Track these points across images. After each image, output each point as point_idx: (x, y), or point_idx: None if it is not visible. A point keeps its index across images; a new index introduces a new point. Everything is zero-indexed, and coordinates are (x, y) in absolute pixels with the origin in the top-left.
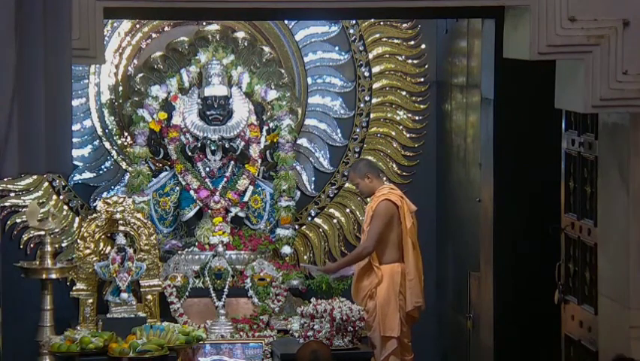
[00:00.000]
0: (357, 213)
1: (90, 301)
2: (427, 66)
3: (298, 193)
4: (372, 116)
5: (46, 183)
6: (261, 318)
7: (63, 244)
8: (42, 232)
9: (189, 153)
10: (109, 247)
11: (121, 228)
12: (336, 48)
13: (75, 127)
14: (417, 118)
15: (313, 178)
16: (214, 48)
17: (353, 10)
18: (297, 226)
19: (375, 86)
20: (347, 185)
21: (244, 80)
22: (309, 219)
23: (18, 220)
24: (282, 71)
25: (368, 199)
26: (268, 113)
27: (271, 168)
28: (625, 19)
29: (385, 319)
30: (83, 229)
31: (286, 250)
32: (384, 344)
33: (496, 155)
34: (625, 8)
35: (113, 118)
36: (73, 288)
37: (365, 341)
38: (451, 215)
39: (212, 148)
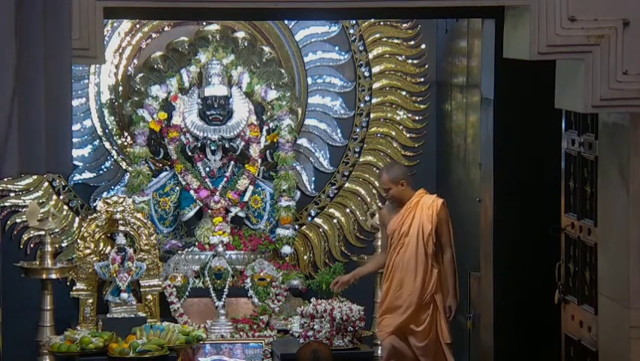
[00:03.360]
0: (357, 213)
1: (90, 301)
2: (427, 66)
3: (298, 193)
4: (372, 116)
5: (46, 183)
6: (261, 318)
7: (63, 244)
8: (42, 232)
9: (189, 153)
10: (109, 247)
11: (121, 228)
12: (336, 48)
13: (75, 127)
14: (417, 118)
15: (313, 178)
16: (214, 48)
17: (353, 10)
18: (297, 226)
19: (375, 86)
20: (347, 185)
21: (244, 80)
22: (309, 219)
23: (18, 220)
24: (282, 71)
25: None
26: (268, 113)
27: (271, 168)
28: (625, 19)
29: (446, 326)
30: (83, 229)
31: (286, 250)
32: (448, 351)
33: (496, 155)
34: (625, 8)
35: (113, 118)
36: (73, 288)
37: (365, 341)
38: (451, 215)
39: (212, 148)
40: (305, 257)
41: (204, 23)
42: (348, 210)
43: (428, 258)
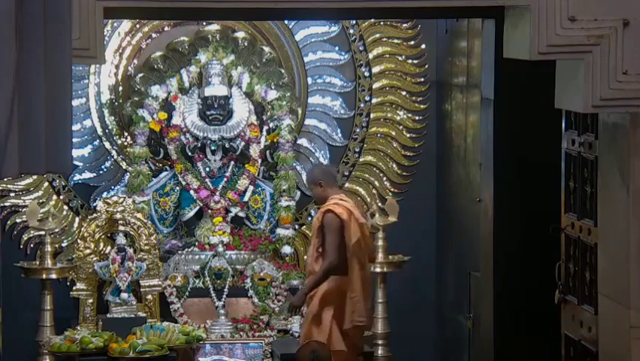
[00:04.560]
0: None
1: (90, 301)
2: (427, 66)
3: (298, 193)
4: (372, 116)
5: (46, 183)
6: (261, 318)
7: (63, 244)
8: (42, 232)
9: (189, 153)
10: (109, 247)
11: (121, 228)
12: (336, 48)
13: (75, 127)
14: (417, 118)
15: None
16: (214, 48)
17: (353, 10)
18: (297, 226)
19: (376, 86)
20: (347, 185)
21: (244, 80)
22: (309, 219)
23: (18, 220)
24: (282, 71)
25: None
26: (268, 113)
27: (271, 168)
28: (625, 19)
29: (335, 333)
30: (83, 229)
31: (286, 249)
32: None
33: (496, 155)
34: (625, 8)
35: (113, 118)
36: (74, 288)
37: (365, 340)
38: (451, 215)
39: (213, 148)
40: (305, 257)
41: (204, 23)
42: None
43: (312, 265)
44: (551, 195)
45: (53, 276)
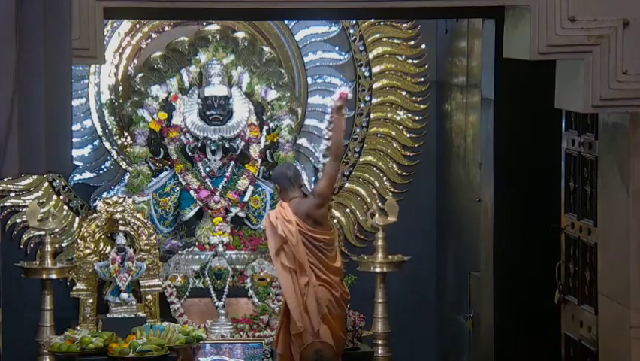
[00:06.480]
0: (357, 213)
1: (90, 301)
2: (427, 66)
3: None
4: (372, 116)
5: (46, 183)
6: (261, 318)
7: (63, 244)
8: (42, 232)
9: (189, 153)
10: (109, 247)
11: (121, 228)
12: (336, 48)
13: (75, 127)
14: (417, 118)
15: (313, 178)
16: (214, 48)
17: (353, 10)
18: None
19: (376, 86)
20: (347, 185)
21: (244, 80)
22: None
23: (18, 220)
24: (282, 71)
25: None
26: (268, 113)
27: (271, 168)
28: (625, 19)
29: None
30: (83, 229)
31: None
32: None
33: (496, 155)
34: (625, 8)
35: (113, 118)
36: (74, 288)
37: (365, 340)
38: (451, 215)
39: (213, 148)
40: None
41: (204, 23)
42: (348, 210)
43: None
44: (551, 195)
45: (53, 276)
